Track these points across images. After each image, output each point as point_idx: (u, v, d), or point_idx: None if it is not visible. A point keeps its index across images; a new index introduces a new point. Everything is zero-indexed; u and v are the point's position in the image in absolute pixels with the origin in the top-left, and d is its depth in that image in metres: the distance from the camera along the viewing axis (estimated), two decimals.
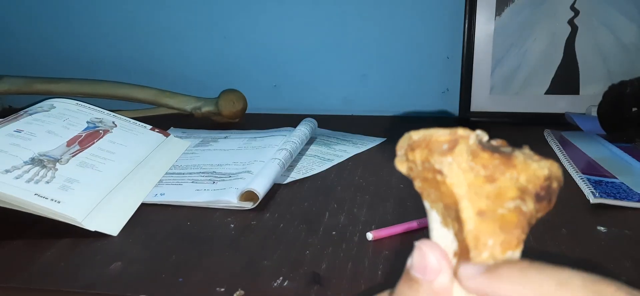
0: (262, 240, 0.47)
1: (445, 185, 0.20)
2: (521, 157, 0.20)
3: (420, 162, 0.21)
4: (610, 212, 0.50)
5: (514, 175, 0.20)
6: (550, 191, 0.20)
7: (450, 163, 0.20)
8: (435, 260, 0.20)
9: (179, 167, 0.64)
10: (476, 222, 0.20)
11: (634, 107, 0.71)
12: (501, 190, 0.19)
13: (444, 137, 0.21)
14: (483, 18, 0.82)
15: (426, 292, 0.20)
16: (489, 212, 0.19)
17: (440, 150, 0.20)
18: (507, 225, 0.19)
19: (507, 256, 0.19)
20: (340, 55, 0.92)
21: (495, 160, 0.20)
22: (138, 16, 0.95)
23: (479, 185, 0.20)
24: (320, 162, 0.66)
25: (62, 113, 0.63)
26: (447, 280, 0.20)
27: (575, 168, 0.60)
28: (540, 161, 0.20)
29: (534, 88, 0.84)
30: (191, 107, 0.86)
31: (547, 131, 0.76)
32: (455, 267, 0.20)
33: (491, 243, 0.19)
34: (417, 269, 0.20)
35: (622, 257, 0.42)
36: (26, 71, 0.98)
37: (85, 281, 0.41)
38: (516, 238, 0.19)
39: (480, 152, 0.20)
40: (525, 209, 0.19)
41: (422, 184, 0.22)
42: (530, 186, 0.20)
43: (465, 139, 0.20)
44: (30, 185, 0.48)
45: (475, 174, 0.20)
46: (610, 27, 0.81)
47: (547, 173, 0.20)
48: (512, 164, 0.20)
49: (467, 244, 0.20)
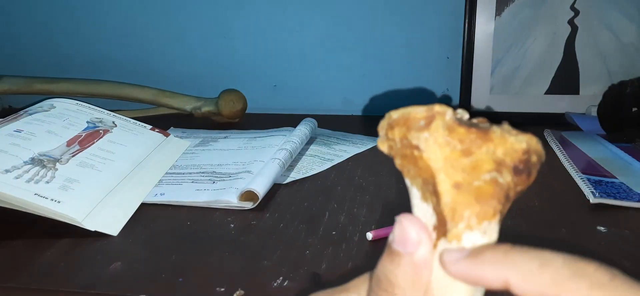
0: (262, 240, 0.47)
1: (422, 159, 0.21)
2: (498, 131, 0.20)
3: (399, 139, 0.22)
4: (610, 212, 0.50)
5: (490, 149, 0.20)
6: (529, 164, 0.20)
7: (427, 138, 0.20)
8: (415, 232, 0.20)
9: (179, 167, 0.64)
10: (452, 194, 0.20)
11: (634, 107, 0.71)
12: (477, 163, 0.20)
13: (421, 113, 0.21)
14: (483, 18, 0.82)
15: (407, 265, 0.20)
16: (465, 184, 0.20)
17: (417, 127, 0.21)
18: (483, 196, 0.20)
19: (483, 227, 0.20)
20: (340, 55, 0.92)
21: (471, 134, 0.20)
22: (138, 16, 0.95)
23: (455, 158, 0.20)
24: (320, 162, 0.66)
25: (62, 113, 0.63)
26: (427, 252, 0.20)
27: (575, 168, 0.60)
28: (518, 135, 0.20)
29: (534, 88, 0.84)
30: (191, 107, 0.86)
31: (547, 131, 0.76)
32: (435, 240, 0.21)
33: (467, 214, 0.20)
34: (398, 242, 0.20)
35: (622, 257, 0.42)
36: (26, 71, 0.98)
37: (85, 281, 0.41)
38: (492, 209, 0.20)
39: (457, 127, 0.20)
40: (501, 181, 0.20)
41: (402, 161, 0.22)
42: (507, 159, 0.20)
43: (442, 115, 0.21)
44: (30, 185, 0.48)
45: (451, 148, 0.20)
46: (610, 27, 0.81)
47: (525, 147, 0.20)
48: (489, 138, 0.20)
49: (444, 216, 0.20)
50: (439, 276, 0.20)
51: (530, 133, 0.20)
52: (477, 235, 0.20)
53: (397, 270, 0.20)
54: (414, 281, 0.20)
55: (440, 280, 0.20)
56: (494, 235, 0.20)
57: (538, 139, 0.21)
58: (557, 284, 0.17)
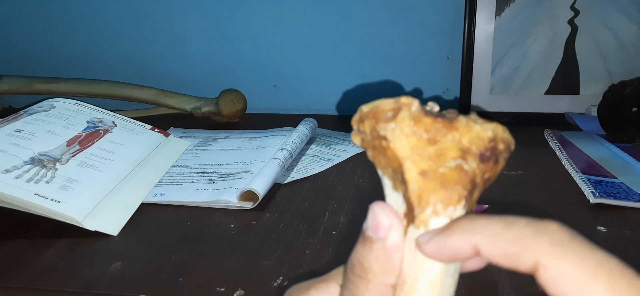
0: (262, 240, 0.47)
1: (390, 149, 0.21)
2: (464, 120, 0.21)
3: (369, 131, 0.22)
4: (610, 212, 0.50)
5: (456, 137, 0.21)
6: (496, 152, 0.21)
7: (393, 128, 0.21)
8: (387, 218, 0.21)
9: (179, 166, 0.64)
10: (419, 181, 0.21)
11: (634, 107, 0.71)
12: (442, 151, 0.21)
13: (388, 105, 0.22)
14: (483, 18, 0.82)
15: (380, 250, 0.21)
16: (430, 172, 0.20)
17: (385, 118, 0.22)
18: (448, 183, 0.20)
19: (448, 212, 0.20)
20: (340, 55, 0.92)
21: (437, 124, 0.21)
22: (138, 16, 0.95)
23: (421, 147, 0.21)
24: (320, 162, 0.66)
25: (62, 113, 0.63)
26: (399, 237, 0.21)
27: (575, 168, 0.60)
28: (484, 124, 0.21)
29: (534, 88, 0.84)
30: (191, 107, 0.86)
31: (547, 131, 0.76)
32: (405, 227, 0.21)
33: (434, 200, 0.20)
34: (371, 229, 0.21)
35: (622, 257, 0.42)
36: (26, 71, 0.98)
37: (85, 281, 0.41)
38: (458, 195, 0.20)
39: (423, 117, 0.21)
40: (467, 168, 0.20)
41: (373, 152, 0.23)
42: (473, 147, 0.21)
43: (408, 106, 0.21)
44: (30, 185, 0.48)
45: (417, 138, 0.21)
46: (610, 27, 0.81)
47: (491, 135, 0.21)
48: (454, 127, 0.21)
49: (411, 203, 0.21)
50: (409, 261, 0.21)
51: (496, 122, 0.21)
52: (443, 220, 0.20)
53: (370, 255, 0.21)
54: (386, 266, 0.21)
55: (411, 264, 0.21)
56: None
57: (505, 128, 0.21)
58: (520, 242, 0.18)
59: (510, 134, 0.22)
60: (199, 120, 0.87)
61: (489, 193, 0.59)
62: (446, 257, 0.20)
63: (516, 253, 0.18)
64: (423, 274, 0.21)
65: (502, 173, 0.61)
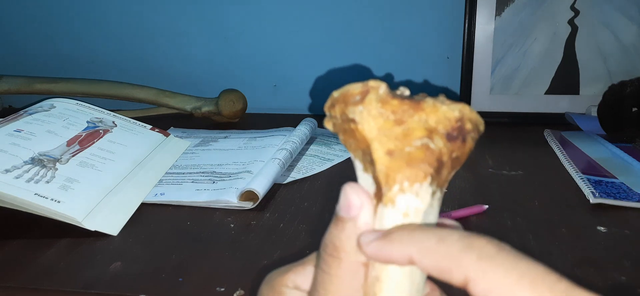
0: (262, 240, 0.47)
1: (358, 131, 0.22)
2: (431, 101, 0.22)
3: (340, 115, 0.23)
4: (610, 212, 0.50)
5: (422, 117, 0.21)
6: (463, 131, 0.22)
7: (361, 111, 0.22)
8: (357, 198, 0.22)
9: (179, 166, 0.64)
10: (386, 160, 0.21)
11: (634, 107, 0.71)
12: (409, 131, 0.21)
13: (357, 89, 0.22)
14: (483, 18, 0.82)
15: (351, 229, 0.22)
16: (397, 151, 0.21)
17: (353, 101, 0.22)
18: (414, 161, 0.21)
19: (414, 189, 0.21)
20: (340, 56, 0.92)
21: (404, 105, 0.22)
22: (138, 16, 0.95)
23: (388, 128, 0.21)
24: (320, 162, 0.66)
25: (62, 113, 0.63)
26: (369, 217, 0.22)
27: (575, 168, 0.60)
28: (451, 104, 0.22)
29: (534, 88, 0.84)
30: (191, 107, 0.86)
31: (547, 131, 0.76)
32: (375, 206, 0.22)
33: (400, 178, 0.21)
34: (343, 209, 0.22)
35: (622, 257, 0.42)
36: (26, 71, 0.98)
37: (85, 281, 0.41)
38: (423, 172, 0.21)
39: (390, 99, 0.22)
40: (433, 146, 0.21)
41: (344, 136, 0.23)
42: (439, 127, 0.21)
43: (375, 89, 0.22)
44: (30, 185, 0.48)
45: (384, 119, 0.22)
46: (610, 27, 0.81)
47: (457, 115, 0.21)
48: (421, 108, 0.22)
49: (379, 181, 0.21)
50: None
51: (463, 103, 0.22)
52: (410, 197, 0.21)
53: (342, 234, 0.22)
54: (358, 244, 0.21)
55: None
56: (427, 197, 0.21)
57: (472, 109, 0.22)
58: (450, 256, 0.19)
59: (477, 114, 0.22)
60: (199, 120, 0.87)
61: (489, 193, 0.58)
62: (383, 261, 0.21)
63: (447, 268, 0.19)
64: None
65: (502, 173, 0.61)
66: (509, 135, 0.78)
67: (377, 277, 0.22)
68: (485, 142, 0.75)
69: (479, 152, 0.70)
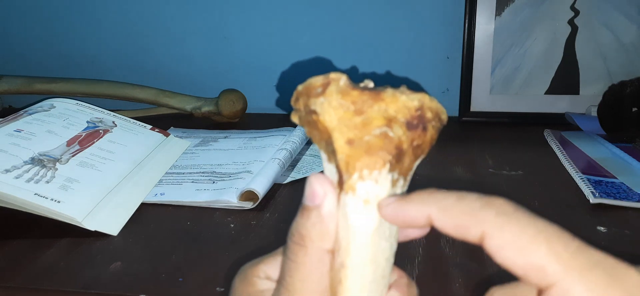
0: (262, 240, 0.47)
1: (320, 122, 0.22)
2: (390, 92, 0.22)
3: (303, 108, 0.24)
4: (610, 212, 0.50)
5: (382, 107, 0.22)
6: (423, 120, 0.22)
7: (322, 102, 0.22)
8: (321, 187, 0.23)
9: (179, 166, 0.64)
10: (345, 149, 0.22)
11: (634, 107, 0.71)
12: (368, 120, 0.22)
13: (319, 82, 0.23)
14: (483, 18, 0.82)
15: (316, 217, 0.22)
16: (356, 140, 0.22)
17: (315, 94, 0.23)
18: (373, 149, 0.22)
19: (373, 176, 0.22)
20: (340, 55, 0.92)
21: (364, 96, 0.22)
22: (138, 16, 0.95)
23: (348, 118, 0.22)
24: (320, 162, 0.66)
25: (62, 113, 0.63)
26: (333, 205, 0.22)
27: (575, 168, 0.60)
28: (411, 94, 0.22)
29: (534, 88, 0.84)
30: (191, 107, 0.86)
31: (547, 131, 0.76)
32: (338, 196, 0.22)
33: (359, 165, 0.22)
34: (307, 198, 0.23)
35: (622, 257, 0.42)
36: (26, 71, 0.98)
37: (85, 281, 0.41)
38: (382, 159, 0.21)
39: (351, 90, 0.22)
40: (392, 135, 0.22)
41: (308, 128, 0.24)
42: (399, 116, 0.22)
43: (336, 81, 0.23)
44: (30, 185, 0.48)
45: (345, 109, 0.22)
46: (610, 27, 0.81)
47: (417, 104, 0.22)
48: (380, 98, 0.22)
49: (340, 170, 0.22)
50: (343, 226, 0.22)
51: (423, 93, 0.22)
52: (369, 184, 0.22)
53: (307, 222, 0.23)
54: (322, 232, 0.22)
55: (344, 229, 0.22)
56: (387, 184, 0.22)
57: (433, 98, 0.23)
58: (469, 213, 0.20)
59: (440, 103, 0.23)
60: (199, 120, 0.87)
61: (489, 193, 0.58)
62: (401, 222, 0.22)
63: (465, 225, 0.20)
64: (355, 237, 0.22)
65: (502, 173, 0.61)
66: (509, 135, 0.78)
67: (342, 263, 0.22)
68: (485, 142, 0.75)
69: (479, 152, 0.70)
